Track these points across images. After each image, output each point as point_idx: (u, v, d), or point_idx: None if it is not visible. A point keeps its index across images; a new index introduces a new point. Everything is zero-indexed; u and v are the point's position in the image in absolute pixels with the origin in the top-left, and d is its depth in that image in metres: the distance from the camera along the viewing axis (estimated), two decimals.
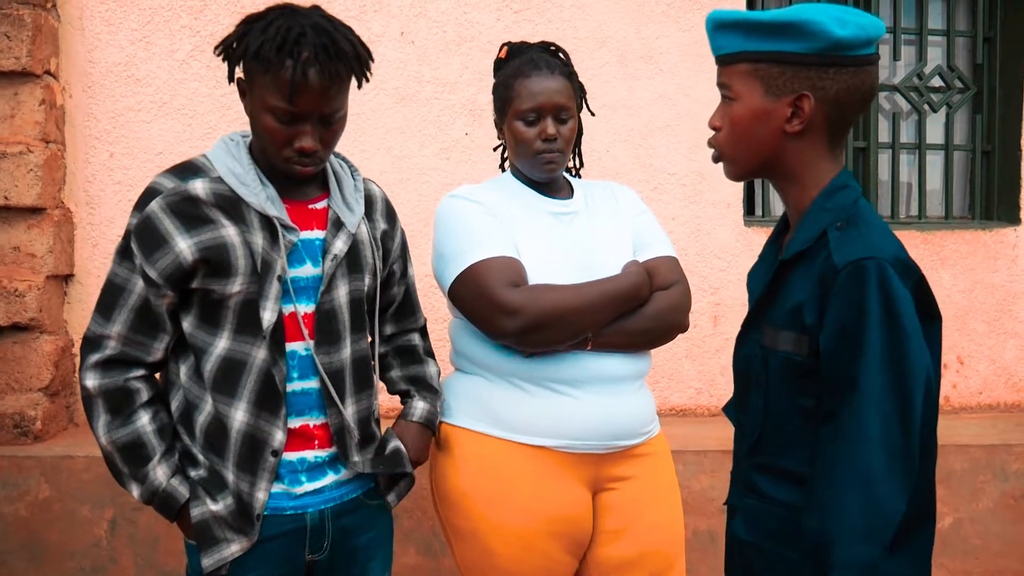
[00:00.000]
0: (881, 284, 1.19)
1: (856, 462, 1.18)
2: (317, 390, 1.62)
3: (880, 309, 1.18)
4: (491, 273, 1.76)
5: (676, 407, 3.41)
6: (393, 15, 3.19)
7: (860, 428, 1.18)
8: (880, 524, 1.18)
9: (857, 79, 1.29)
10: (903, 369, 1.18)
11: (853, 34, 1.26)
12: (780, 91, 1.30)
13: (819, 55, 1.27)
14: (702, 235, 3.39)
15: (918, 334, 1.19)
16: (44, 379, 2.88)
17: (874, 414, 1.18)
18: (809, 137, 1.32)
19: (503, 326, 1.74)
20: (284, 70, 1.47)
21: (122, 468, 1.58)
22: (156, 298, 1.56)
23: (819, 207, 1.32)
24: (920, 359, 1.18)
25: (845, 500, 1.18)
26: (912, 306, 1.19)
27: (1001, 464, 3.10)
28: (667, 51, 3.33)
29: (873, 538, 1.18)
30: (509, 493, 1.79)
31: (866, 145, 3.64)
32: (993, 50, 3.72)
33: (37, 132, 2.89)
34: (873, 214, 1.31)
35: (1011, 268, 3.61)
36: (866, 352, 1.18)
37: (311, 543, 1.64)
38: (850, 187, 1.33)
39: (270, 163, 1.59)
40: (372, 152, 3.18)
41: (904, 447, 1.18)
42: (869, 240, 1.23)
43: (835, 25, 1.25)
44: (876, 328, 1.18)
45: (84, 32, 3.05)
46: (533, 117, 1.86)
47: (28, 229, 2.89)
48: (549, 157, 1.86)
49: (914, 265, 1.24)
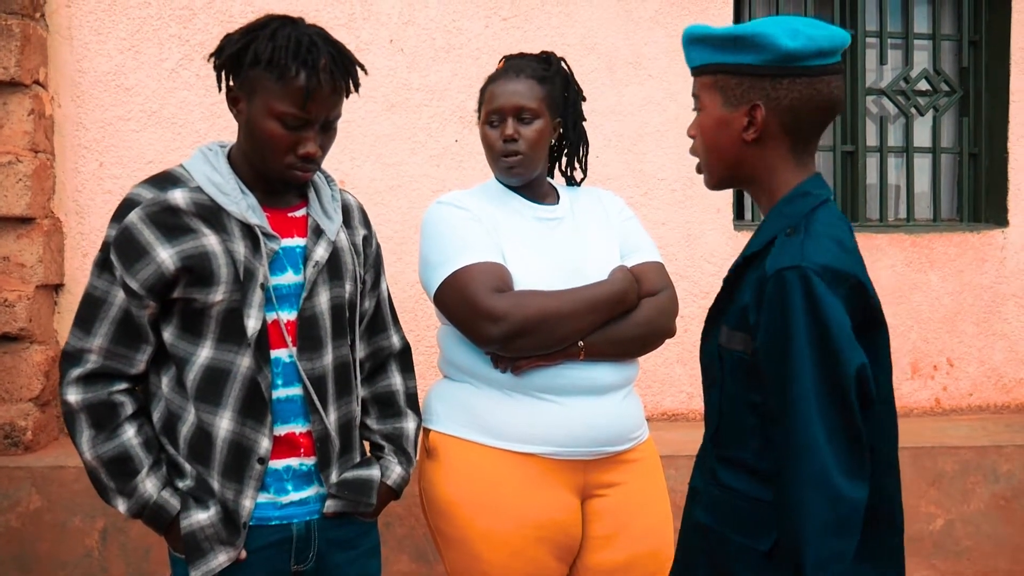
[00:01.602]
0: (805, 292, 1.24)
1: (808, 463, 1.22)
2: (300, 397, 1.62)
3: (804, 315, 1.23)
4: (476, 279, 1.76)
5: (668, 411, 3.42)
6: (382, 23, 3.20)
7: (805, 430, 1.22)
8: (845, 513, 1.21)
9: (812, 89, 1.33)
10: (835, 369, 1.22)
11: (802, 45, 1.31)
12: (737, 101, 1.36)
13: (771, 66, 1.33)
14: (692, 240, 3.40)
15: (846, 335, 1.23)
16: (34, 389, 2.87)
17: (814, 415, 1.22)
18: (768, 145, 1.37)
19: (487, 332, 1.75)
20: (299, 77, 1.50)
21: (108, 483, 1.57)
22: (138, 309, 1.55)
23: (777, 213, 1.37)
24: (851, 358, 1.23)
25: (806, 500, 1.22)
26: (839, 311, 1.24)
27: (991, 465, 3.11)
28: (655, 57, 3.35)
29: (840, 531, 1.21)
30: (497, 500, 1.79)
31: (854, 149, 3.66)
32: (979, 53, 3.74)
33: (26, 142, 2.89)
34: (827, 223, 1.34)
35: (999, 270, 3.63)
36: (796, 357, 1.24)
37: (297, 554, 1.63)
38: (811, 195, 1.36)
39: (265, 170, 1.60)
40: (362, 160, 3.19)
41: (850, 439, 1.22)
42: (802, 249, 1.28)
43: (785, 38, 1.31)
44: (802, 333, 1.23)
45: (73, 42, 3.05)
46: (496, 119, 1.88)
47: (18, 239, 2.88)
48: (510, 161, 1.87)
49: (849, 273, 1.27)
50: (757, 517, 1.32)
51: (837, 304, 1.24)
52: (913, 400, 3.58)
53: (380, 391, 1.82)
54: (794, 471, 1.24)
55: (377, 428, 1.80)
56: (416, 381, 1.88)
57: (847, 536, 1.22)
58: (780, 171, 1.38)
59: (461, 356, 1.86)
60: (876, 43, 3.69)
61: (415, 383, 1.87)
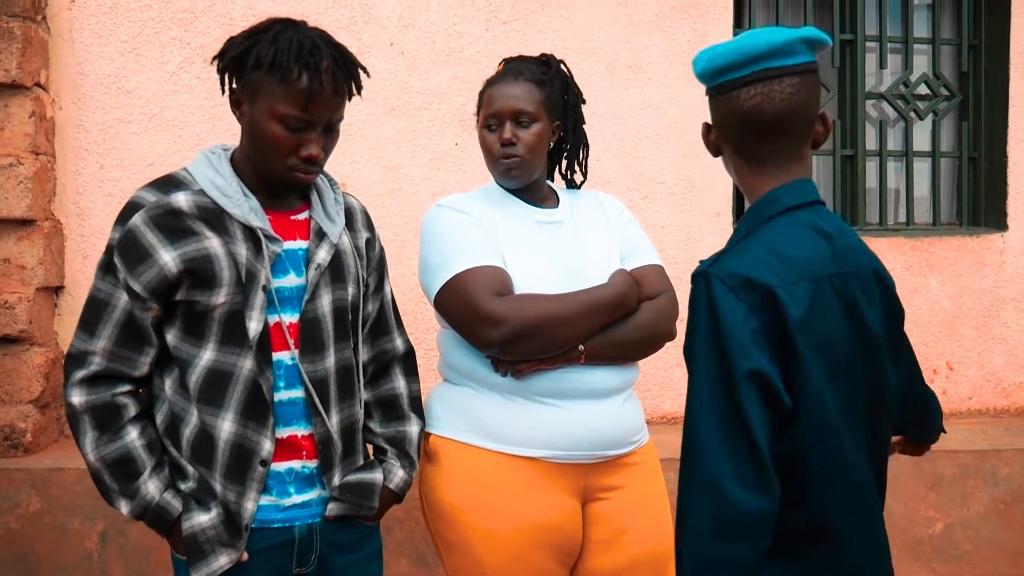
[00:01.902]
0: (707, 296, 1.26)
1: (700, 466, 1.23)
2: (303, 399, 1.63)
3: (705, 319, 1.26)
4: (476, 283, 1.76)
5: (668, 415, 3.42)
6: (383, 26, 3.21)
7: (698, 433, 1.24)
8: (732, 520, 1.20)
9: (728, 105, 1.37)
10: (727, 374, 1.23)
11: (703, 68, 1.39)
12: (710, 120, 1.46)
13: (707, 88, 1.41)
14: (692, 243, 3.41)
15: (740, 342, 1.23)
16: (34, 391, 2.87)
17: (706, 418, 1.23)
18: (727, 159, 1.44)
19: (488, 336, 1.75)
20: (301, 79, 1.51)
21: (111, 485, 1.57)
22: (141, 312, 1.56)
23: (743, 220, 1.40)
24: (741, 363, 1.23)
25: (692, 503, 1.23)
26: (737, 316, 1.24)
27: (991, 469, 3.11)
28: (655, 61, 3.36)
29: (724, 534, 1.20)
30: (498, 504, 1.79)
31: (853, 153, 3.67)
32: (978, 57, 3.75)
33: (27, 144, 2.89)
34: (777, 229, 1.34)
35: (998, 274, 3.64)
36: (696, 361, 1.26)
37: (299, 556, 1.64)
38: (778, 202, 1.36)
39: (268, 172, 1.60)
40: (363, 163, 3.19)
41: (743, 446, 1.21)
42: (725, 256, 1.31)
43: (698, 63, 1.40)
44: (702, 337, 1.26)
45: (74, 44, 3.06)
46: (494, 123, 1.88)
47: (18, 241, 2.89)
48: (508, 163, 1.87)
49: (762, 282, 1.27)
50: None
51: (737, 309, 1.24)
52: None
53: (383, 394, 1.82)
54: (686, 473, 1.25)
55: (380, 431, 1.80)
56: (420, 384, 1.88)
57: (734, 543, 1.20)
58: (745, 180, 1.41)
59: (461, 359, 1.86)
60: (876, 47, 3.70)
61: (419, 386, 1.87)
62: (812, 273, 1.29)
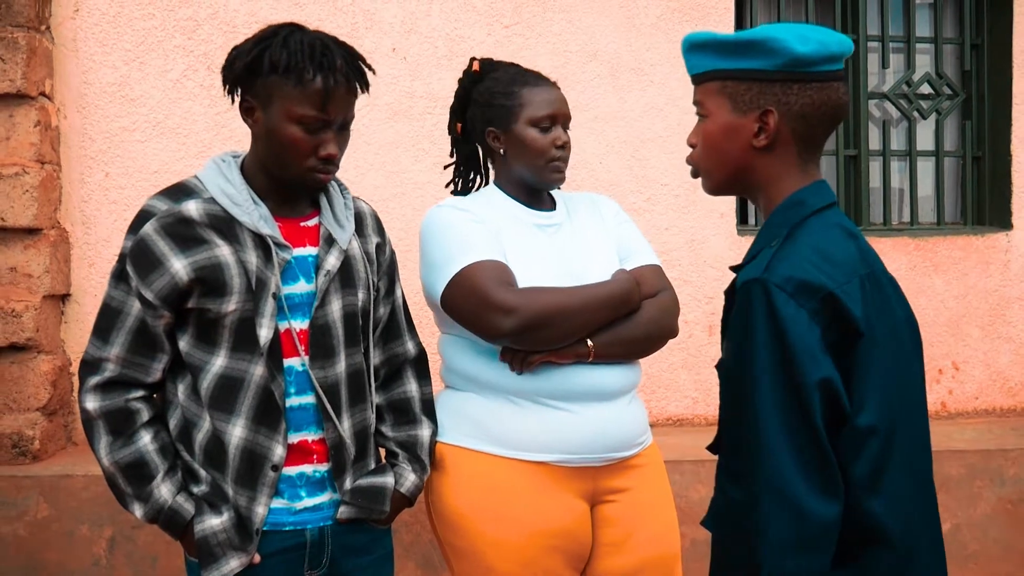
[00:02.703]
0: (766, 304, 1.22)
1: (769, 474, 1.20)
2: (314, 405, 1.63)
3: (765, 328, 1.22)
4: (484, 274, 1.76)
5: (672, 417, 3.42)
6: (385, 32, 3.22)
7: (767, 446, 1.20)
8: (809, 532, 1.18)
9: (822, 94, 1.32)
10: (796, 383, 1.20)
11: (814, 50, 1.29)
12: (747, 107, 1.34)
13: (782, 71, 1.30)
14: (696, 245, 3.41)
15: (808, 349, 1.21)
16: (42, 399, 2.88)
17: (776, 430, 1.20)
18: (777, 151, 1.35)
19: (499, 325, 1.74)
20: (316, 80, 1.53)
21: (125, 488, 1.59)
22: (153, 319, 1.57)
23: (770, 223, 1.36)
24: (811, 372, 1.20)
25: (765, 512, 1.20)
26: (801, 323, 1.21)
27: (998, 469, 3.10)
28: (657, 63, 3.36)
29: (804, 548, 1.18)
30: (508, 510, 1.78)
31: (857, 153, 3.67)
32: (981, 56, 3.75)
33: (33, 153, 2.91)
34: (815, 231, 1.31)
35: (1004, 273, 3.63)
36: (758, 371, 1.22)
37: (311, 559, 1.64)
38: (806, 203, 1.34)
39: (286, 176, 1.61)
40: (366, 168, 3.20)
41: (814, 454, 1.20)
42: (775, 261, 1.26)
43: (796, 42, 1.29)
44: (763, 347, 1.22)
45: (78, 53, 3.07)
46: (548, 124, 1.89)
47: (24, 249, 2.90)
48: (560, 164, 1.91)
49: (820, 285, 1.24)
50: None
51: (799, 316, 1.21)
52: None
53: (396, 398, 1.82)
54: (755, 483, 1.21)
55: (392, 435, 1.81)
56: (432, 387, 1.88)
57: (812, 554, 1.19)
58: (784, 178, 1.36)
59: (466, 364, 1.86)
60: (878, 47, 3.70)
61: (431, 389, 1.87)
62: (855, 273, 1.28)
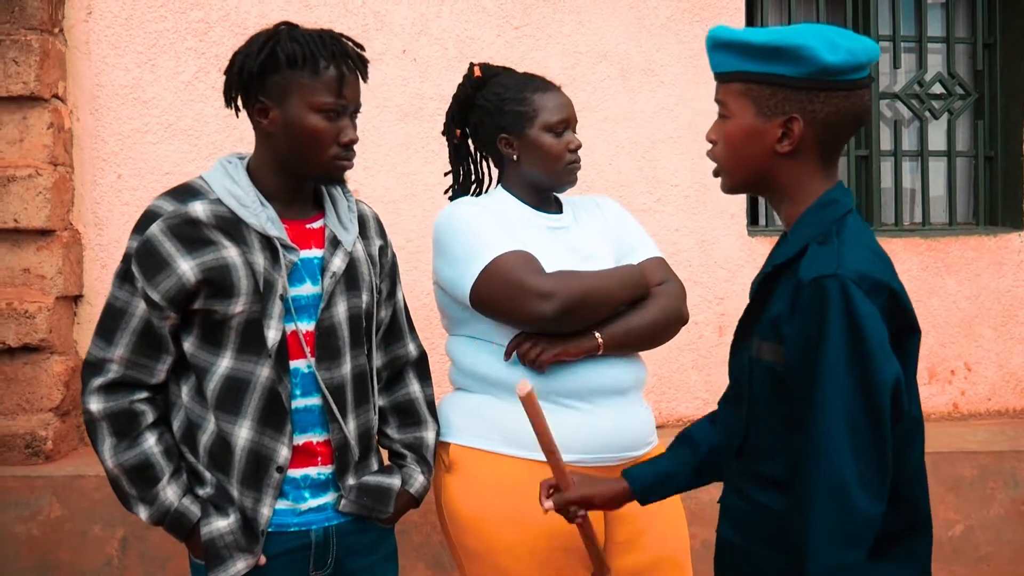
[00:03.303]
0: (843, 300, 1.22)
1: (828, 471, 1.21)
2: (319, 407, 1.64)
3: (842, 324, 1.21)
4: (515, 263, 1.78)
5: (683, 417, 3.41)
6: (395, 33, 3.22)
7: (829, 438, 1.21)
8: (856, 528, 1.20)
9: (848, 103, 1.32)
10: (869, 380, 1.21)
11: (843, 60, 1.28)
12: (771, 112, 1.33)
13: (809, 79, 1.30)
14: (706, 245, 3.40)
15: (884, 346, 1.22)
16: (55, 399, 2.90)
17: (841, 425, 1.21)
18: (800, 157, 1.35)
19: (539, 310, 1.75)
20: (330, 67, 1.57)
21: (129, 491, 1.59)
22: (159, 320, 1.58)
23: (806, 222, 1.35)
24: (886, 369, 1.21)
25: (819, 509, 1.21)
26: (877, 320, 1.22)
27: (1011, 470, 3.09)
28: (667, 63, 3.35)
29: (849, 543, 1.20)
30: (523, 511, 1.78)
31: (868, 153, 3.65)
32: (993, 56, 3.73)
33: (46, 155, 2.93)
34: (858, 230, 1.33)
35: (1016, 273, 3.61)
36: (829, 366, 1.22)
37: (316, 559, 1.65)
38: (839, 203, 1.35)
39: (310, 171, 1.63)
40: (377, 170, 3.21)
41: (876, 454, 1.21)
42: (838, 256, 1.26)
43: (826, 51, 1.28)
44: (838, 343, 1.21)
45: (91, 56, 3.09)
46: (561, 129, 1.92)
47: (38, 251, 2.92)
48: (576, 167, 1.94)
49: (885, 282, 1.26)
50: (787, 531, 1.29)
51: (875, 313, 1.22)
52: (931, 405, 3.56)
53: (399, 399, 1.83)
54: (811, 478, 1.22)
55: (398, 438, 1.81)
56: (433, 388, 1.89)
57: (856, 549, 1.21)
58: (808, 182, 1.36)
59: (480, 365, 1.86)
60: (890, 47, 3.68)
61: (432, 390, 1.89)
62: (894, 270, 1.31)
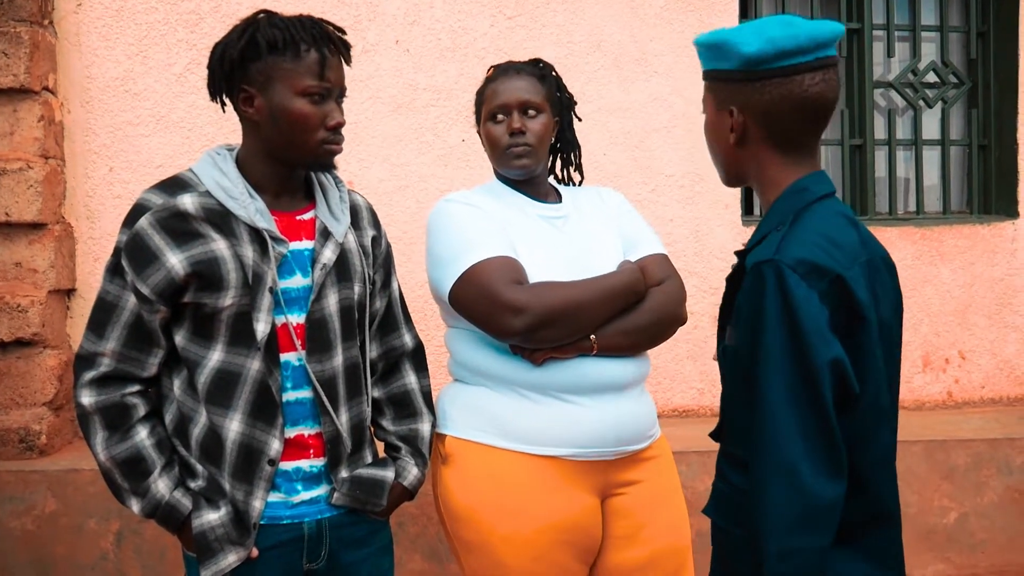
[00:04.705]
0: (778, 285, 1.24)
1: (776, 454, 1.23)
2: (311, 399, 1.63)
3: (777, 308, 1.24)
4: (493, 272, 1.76)
5: (679, 408, 3.41)
6: (388, 24, 3.21)
7: (774, 423, 1.23)
8: (811, 512, 1.21)
9: (783, 89, 1.34)
10: (806, 362, 1.22)
11: (759, 49, 1.32)
12: (722, 105, 1.40)
13: (740, 72, 1.35)
14: (701, 235, 3.40)
15: (819, 330, 1.23)
16: (48, 393, 2.89)
17: (784, 408, 1.22)
18: (751, 147, 1.39)
19: (510, 324, 1.73)
20: (311, 50, 1.57)
21: (122, 483, 1.59)
22: (149, 314, 1.57)
23: (773, 210, 1.38)
24: (822, 352, 1.23)
25: (769, 491, 1.23)
26: (813, 304, 1.24)
27: (1005, 458, 3.10)
28: (661, 53, 3.35)
29: (804, 527, 1.21)
30: (519, 504, 1.78)
31: (862, 142, 3.65)
32: (987, 44, 3.73)
33: (36, 148, 2.91)
34: (821, 217, 1.34)
35: (1010, 261, 3.62)
36: (767, 349, 1.24)
37: (309, 552, 1.64)
38: (808, 190, 1.37)
39: (298, 157, 1.62)
40: (370, 161, 3.20)
41: (822, 435, 1.22)
42: (784, 244, 1.29)
43: (744, 43, 1.33)
44: (774, 326, 1.24)
45: (81, 48, 3.07)
46: (500, 115, 1.89)
47: (29, 245, 2.91)
48: (517, 151, 1.87)
49: (830, 267, 1.27)
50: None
51: (811, 297, 1.24)
52: (925, 393, 3.57)
53: (395, 391, 1.82)
54: (762, 464, 1.24)
55: (393, 429, 1.81)
56: (430, 380, 1.88)
57: (814, 532, 1.21)
58: (769, 169, 1.39)
59: (476, 358, 1.85)
60: (883, 36, 3.68)
61: (429, 381, 1.88)
62: (858, 259, 1.31)
